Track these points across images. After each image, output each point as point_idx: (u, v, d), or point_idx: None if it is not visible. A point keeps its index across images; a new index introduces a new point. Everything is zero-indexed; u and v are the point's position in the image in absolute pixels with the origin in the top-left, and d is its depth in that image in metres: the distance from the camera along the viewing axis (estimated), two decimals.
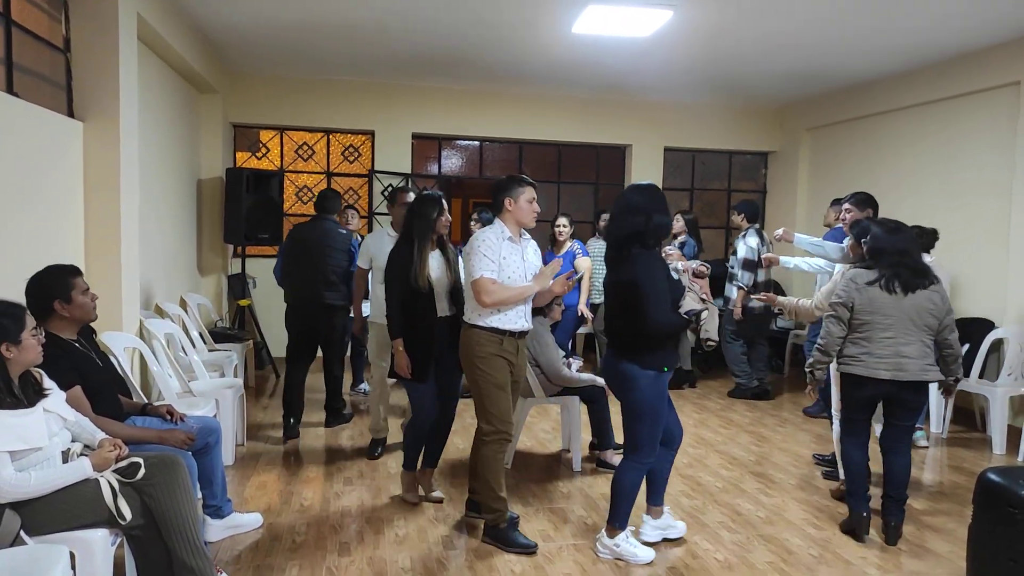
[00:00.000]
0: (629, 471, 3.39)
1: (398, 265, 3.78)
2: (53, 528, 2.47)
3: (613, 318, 3.38)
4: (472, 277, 3.39)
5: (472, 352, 3.48)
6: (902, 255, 3.54)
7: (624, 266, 3.25)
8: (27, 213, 3.66)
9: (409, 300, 3.76)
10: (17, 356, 2.49)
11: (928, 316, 3.49)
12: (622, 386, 3.33)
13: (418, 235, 3.79)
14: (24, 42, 3.81)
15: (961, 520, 3.87)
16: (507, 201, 3.47)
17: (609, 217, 3.45)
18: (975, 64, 6.14)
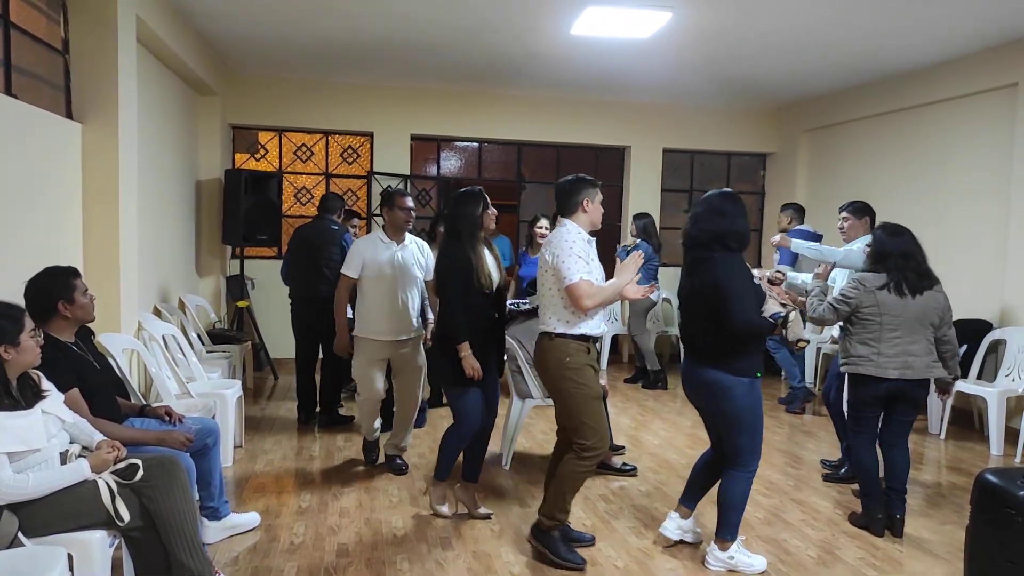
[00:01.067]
0: (738, 482, 3.27)
1: (457, 266, 3.60)
2: (51, 530, 2.46)
3: (694, 325, 3.28)
4: (568, 281, 3.16)
5: (562, 364, 3.25)
6: (907, 258, 3.65)
7: (705, 270, 3.17)
8: (26, 215, 3.66)
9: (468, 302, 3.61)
10: (16, 358, 2.49)
11: (933, 315, 3.65)
12: (714, 396, 3.22)
13: (466, 234, 3.67)
14: (23, 44, 3.81)
15: (959, 521, 3.87)
16: (585, 202, 3.35)
17: (692, 221, 3.30)
18: (973, 66, 6.15)
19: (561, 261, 3.19)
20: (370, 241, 4.41)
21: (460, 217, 3.71)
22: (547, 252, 3.29)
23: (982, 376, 5.62)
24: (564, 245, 3.22)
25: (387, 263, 4.30)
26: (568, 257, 3.18)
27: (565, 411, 3.33)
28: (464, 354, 3.61)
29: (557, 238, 3.28)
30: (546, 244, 3.33)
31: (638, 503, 4.18)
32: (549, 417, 5.90)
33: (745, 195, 9.08)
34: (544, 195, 8.86)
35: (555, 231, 3.37)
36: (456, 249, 3.67)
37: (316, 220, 5.75)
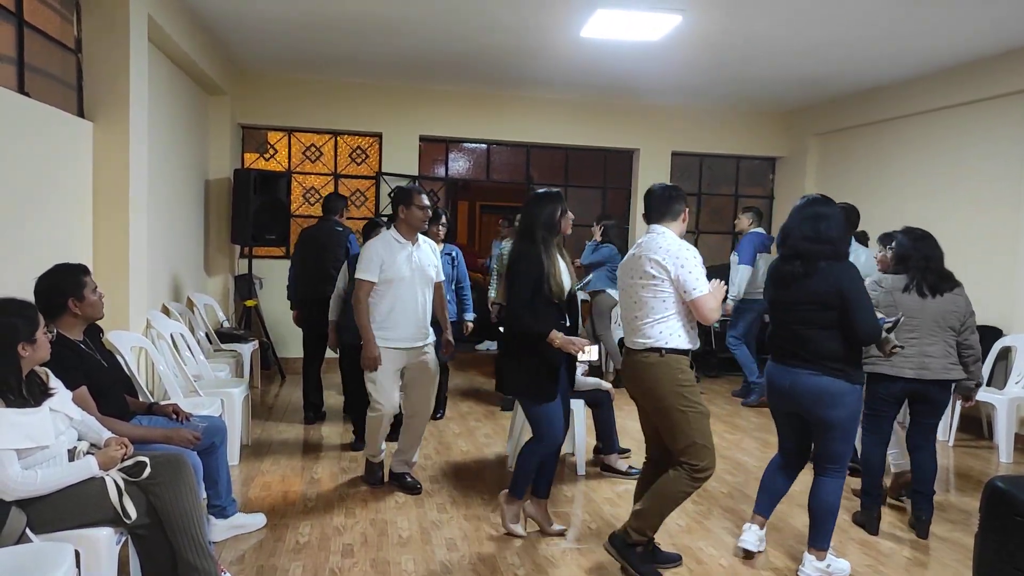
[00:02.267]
0: (834, 488, 3.24)
1: (528, 270, 3.36)
2: (58, 526, 2.48)
3: (804, 333, 3.17)
4: (698, 293, 3.03)
5: (676, 381, 3.10)
6: (928, 261, 3.73)
7: (823, 277, 3.11)
8: (37, 212, 3.68)
9: (536, 309, 3.36)
10: (32, 355, 2.51)
11: (952, 318, 3.69)
12: (823, 404, 3.15)
13: (541, 237, 3.42)
14: (36, 42, 3.83)
15: (967, 529, 3.85)
16: (685, 211, 3.23)
17: (795, 229, 3.22)
18: (984, 71, 6.11)
19: (688, 272, 3.04)
20: (384, 242, 4.09)
21: (536, 218, 3.45)
22: (660, 261, 3.06)
23: (991, 383, 5.58)
24: (687, 255, 3.07)
25: (404, 265, 4.05)
26: (695, 268, 3.06)
27: (675, 431, 3.12)
28: (557, 341, 3.34)
29: (674, 247, 3.09)
30: (651, 251, 3.11)
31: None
32: None
33: (754, 199, 9.09)
34: None
35: (662, 239, 3.14)
36: (529, 252, 3.41)
37: (321, 221, 5.80)
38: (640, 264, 3.13)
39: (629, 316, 3.23)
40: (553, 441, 3.55)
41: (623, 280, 3.28)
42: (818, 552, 3.29)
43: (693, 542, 3.71)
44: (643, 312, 3.13)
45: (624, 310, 3.29)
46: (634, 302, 3.17)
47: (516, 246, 3.51)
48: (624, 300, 3.28)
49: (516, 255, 3.46)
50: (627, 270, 3.24)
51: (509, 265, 3.49)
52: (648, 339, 3.12)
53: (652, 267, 3.08)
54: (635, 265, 3.17)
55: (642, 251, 3.15)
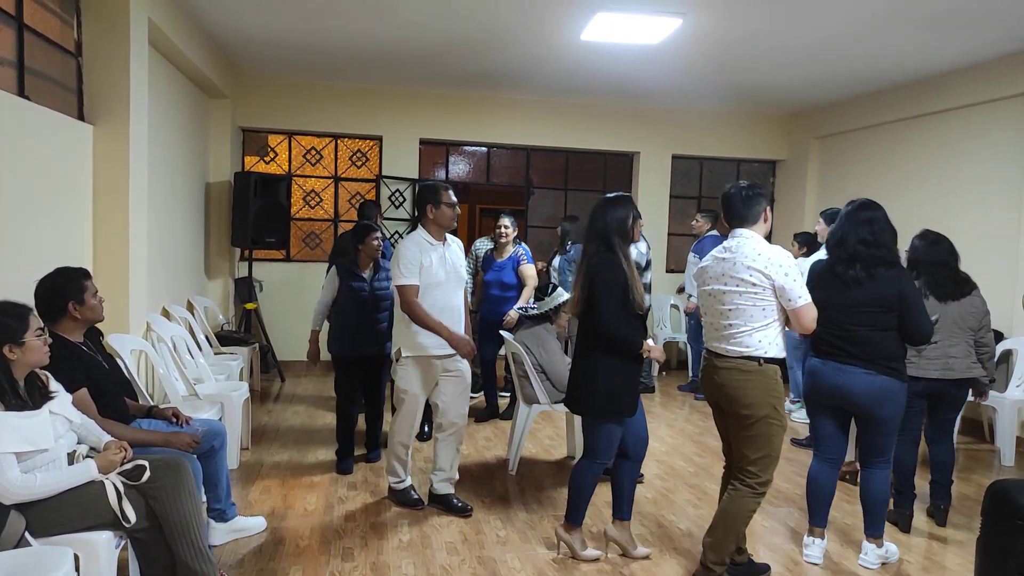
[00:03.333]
0: (884, 477, 3.43)
1: (614, 281, 3.18)
2: (58, 530, 2.47)
3: (864, 334, 3.23)
4: (802, 301, 2.97)
5: (770, 391, 3.03)
6: (938, 266, 3.87)
7: (884, 282, 3.21)
8: (37, 215, 3.68)
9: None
10: (21, 357, 2.49)
11: (971, 319, 3.84)
12: (880, 401, 3.25)
13: (621, 246, 3.24)
14: (36, 46, 3.83)
15: (970, 532, 3.84)
16: (766, 210, 3.15)
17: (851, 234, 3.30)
18: (984, 75, 6.11)
19: (792, 280, 2.97)
20: (417, 243, 3.83)
21: (611, 224, 3.24)
22: (762, 269, 2.98)
23: None
24: (789, 262, 2.99)
25: (439, 268, 3.83)
26: (798, 275, 2.99)
27: (756, 441, 3.07)
28: (655, 353, 3.29)
29: (775, 254, 3.00)
30: (748, 258, 3.01)
31: (645, 511, 4.16)
32: (555, 423, 5.90)
33: None
34: (552, 200, 8.87)
35: (756, 244, 3.06)
36: (611, 261, 3.20)
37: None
38: (734, 270, 3.04)
39: (718, 323, 3.13)
40: (607, 461, 3.40)
41: (708, 285, 3.17)
42: (876, 540, 3.47)
43: (695, 547, 3.69)
44: (740, 320, 3.04)
45: (710, 316, 3.18)
46: (728, 309, 3.07)
47: (593, 254, 3.26)
48: (710, 306, 3.16)
49: (597, 264, 3.22)
50: (714, 275, 3.13)
51: (588, 275, 3.24)
52: (746, 348, 3.04)
53: (752, 275, 2.99)
54: (726, 271, 3.07)
55: (735, 257, 3.06)
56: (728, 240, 3.17)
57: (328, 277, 4.79)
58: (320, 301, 4.79)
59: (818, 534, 3.53)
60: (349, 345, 4.67)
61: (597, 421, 3.33)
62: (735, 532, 3.15)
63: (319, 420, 5.84)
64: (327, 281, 4.78)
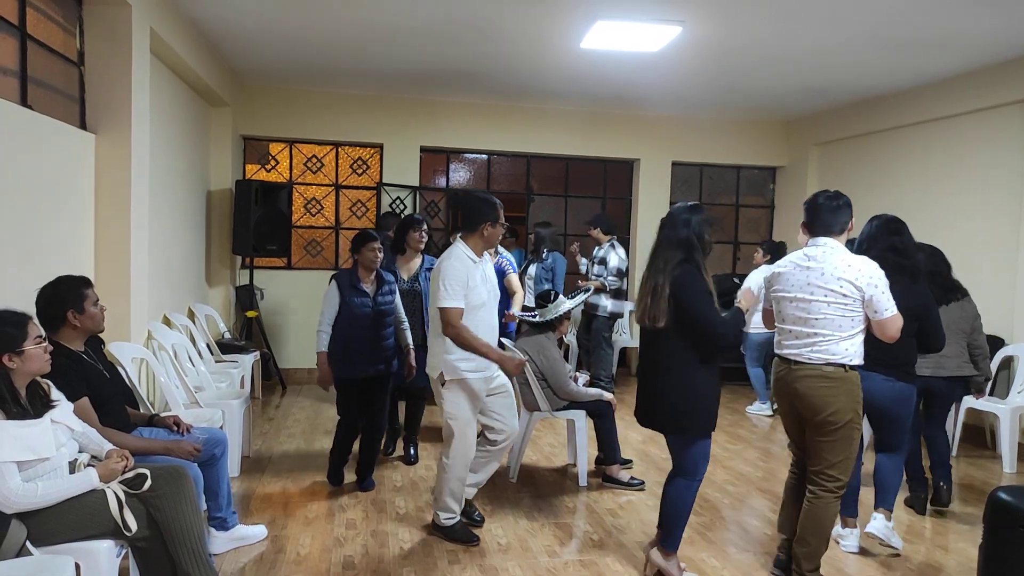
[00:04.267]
0: (899, 465, 3.81)
1: (705, 288, 3.13)
2: (59, 539, 2.47)
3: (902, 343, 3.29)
4: (890, 312, 3.03)
5: (855, 397, 3.09)
6: (933, 275, 4.11)
7: (911, 294, 3.46)
8: (39, 224, 3.69)
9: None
10: (21, 366, 2.49)
11: (963, 323, 4.22)
12: (899, 405, 3.64)
13: (703, 262, 3.19)
14: (38, 55, 3.85)
15: (971, 539, 3.83)
16: (851, 221, 3.22)
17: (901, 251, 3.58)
18: (984, 81, 6.13)
19: (882, 292, 3.02)
20: (463, 261, 3.60)
21: (696, 233, 3.19)
22: (853, 281, 3.01)
23: (994, 392, 5.57)
24: (879, 274, 3.04)
25: (482, 287, 3.66)
26: (886, 287, 3.04)
27: (837, 446, 3.12)
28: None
29: (866, 267, 3.04)
30: (838, 269, 3.04)
31: (646, 517, 4.15)
32: (556, 430, 5.89)
33: (755, 209, 9.11)
34: (552, 207, 8.87)
35: (844, 255, 3.09)
36: (692, 273, 3.13)
37: None
38: (822, 280, 3.06)
39: (800, 330, 3.13)
40: (703, 474, 3.34)
41: (789, 292, 3.17)
42: (887, 512, 3.73)
43: (695, 553, 3.69)
44: (828, 329, 3.06)
45: (789, 323, 3.17)
46: (815, 318, 3.08)
47: (674, 267, 3.15)
48: (790, 313, 3.17)
49: (680, 277, 3.12)
50: (797, 284, 3.14)
51: (673, 289, 3.12)
52: (832, 355, 3.06)
53: (843, 285, 3.03)
54: (812, 280, 3.09)
55: (823, 267, 3.08)
56: (809, 249, 3.18)
57: (328, 291, 4.37)
58: (323, 319, 4.34)
59: (851, 524, 3.77)
60: (350, 367, 4.32)
61: (690, 440, 3.25)
62: (827, 537, 3.22)
63: (320, 428, 5.84)
64: (328, 295, 4.37)
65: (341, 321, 4.35)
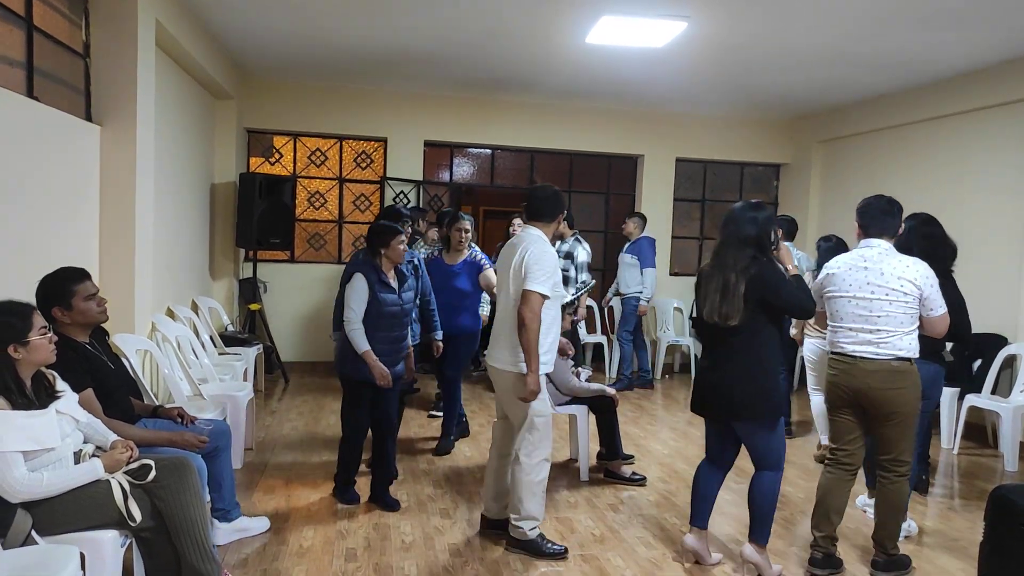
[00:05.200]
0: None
1: (784, 276, 3.21)
2: (64, 528, 2.48)
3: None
4: (943, 310, 3.27)
5: (919, 387, 3.32)
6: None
7: (952, 288, 3.65)
8: (44, 215, 3.70)
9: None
10: (26, 356, 2.49)
11: None
12: (934, 386, 3.81)
13: (769, 251, 3.24)
14: (45, 47, 3.86)
15: (972, 538, 3.84)
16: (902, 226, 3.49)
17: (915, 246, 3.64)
18: (988, 79, 6.11)
19: (936, 291, 3.26)
20: (550, 247, 3.51)
21: (764, 229, 3.21)
22: (913, 281, 3.21)
23: (996, 391, 5.56)
24: (932, 274, 3.27)
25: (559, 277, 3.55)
26: (938, 285, 3.28)
27: (905, 433, 3.34)
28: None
29: (922, 268, 3.25)
30: (897, 270, 3.24)
31: (647, 513, 4.16)
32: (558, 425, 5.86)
33: None
34: None
35: (898, 256, 3.29)
36: (771, 267, 3.19)
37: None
38: (882, 280, 3.25)
39: (861, 327, 3.29)
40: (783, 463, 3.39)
41: (848, 292, 3.31)
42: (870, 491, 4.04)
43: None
44: (890, 326, 3.25)
45: (848, 321, 3.32)
46: (878, 316, 3.25)
47: (749, 262, 3.15)
48: (852, 312, 3.31)
49: (760, 272, 3.14)
50: (855, 283, 3.30)
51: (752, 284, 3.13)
52: (899, 350, 3.25)
53: (904, 284, 3.22)
54: (871, 280, 3.27)
55: (881, 267, 3.26)
56: (863, 250, 3.36)
57: (356, 285, 3.85)
58: (355, 315, 3.83)
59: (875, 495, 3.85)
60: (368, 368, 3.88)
61: (772, 427, 3.28)
62: (903, 515, 3.52)
63: (323, 421, 5.85)
64: (357, 289, 3.85)
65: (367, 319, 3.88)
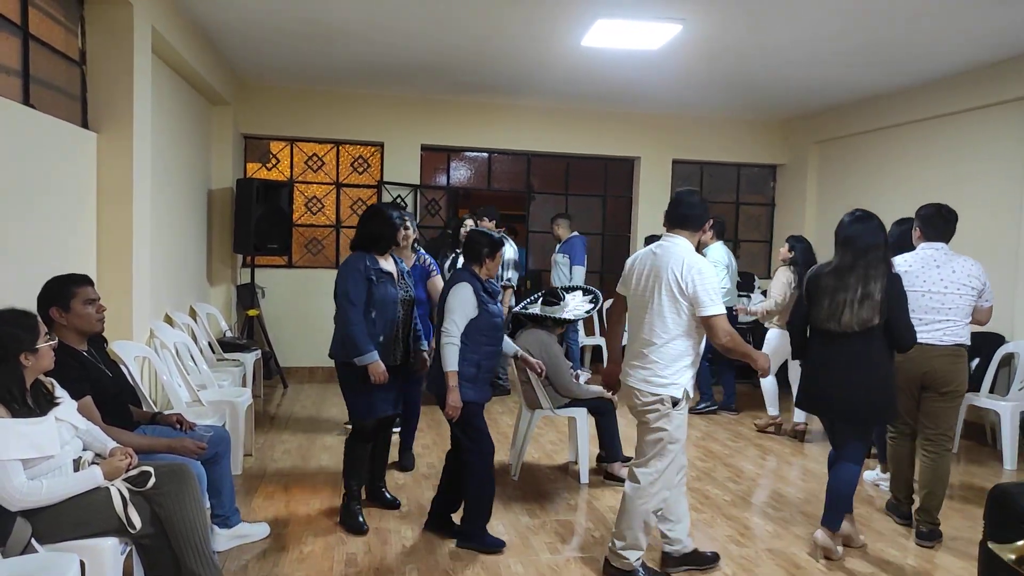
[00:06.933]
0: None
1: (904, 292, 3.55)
2: (63, 536, 2.48)
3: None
4: (992, 301, 3.92)
5: (968, 369, 3.89)
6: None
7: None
8: (41, 222, 3.69)
9: None
10: (35, 364, 2.51)
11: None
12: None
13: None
14: (41, 55, 3.86)
15: (971, 536, 3.84)
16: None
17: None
18: (984, 78, 6.13)
19: (989, 286, 3.88)
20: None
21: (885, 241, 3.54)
22: (978, 276, 3.82)
23: (995, 390, 5.57)
24: (981, 271, 3.85)
25: None
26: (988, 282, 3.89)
27: (954, 411, 3.90)
28: None
29: (978, 266, 3.85)
30: (966, 270, 3.81)
31: None
32: (558, 427, 5.90)
33: (755, 207, 9.12)
34: (553, 205, 8.88)
35: (956, 254, 3.86)
36: (898, 277, 3.52)
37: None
38: (954, 277, 3.80)
39: (934, 319, 3.79)
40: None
41: (923, 287, 3.81)
42: (884, 465, 4.58)
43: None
44: (957, 316, 3.80)
45: (922, 313, 3.76)
46: (948, 308, 3.79)
47: (886, 268, 3.43)
48: (925, 304, 3.79)
49: (893, 281, 3.43)
50: (930, 280, 3.81)
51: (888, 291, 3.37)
52: (960, 338, 3.80)
53: (972, 280, 3.82)
54: (944, 276, 3.80)
55: (952, 265, 3.83)
56: (930, 252, 3.87)
57: (463, 295, 3.52)
58: (456, 330, 3.49)
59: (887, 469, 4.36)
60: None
61: (874, 426, 3.85)
62: (946, 488, 3.90)
63: (322, 427, 5.85)
64: (463, 301, 3.51)
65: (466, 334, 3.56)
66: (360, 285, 3.68)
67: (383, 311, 3.75)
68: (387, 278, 3.79)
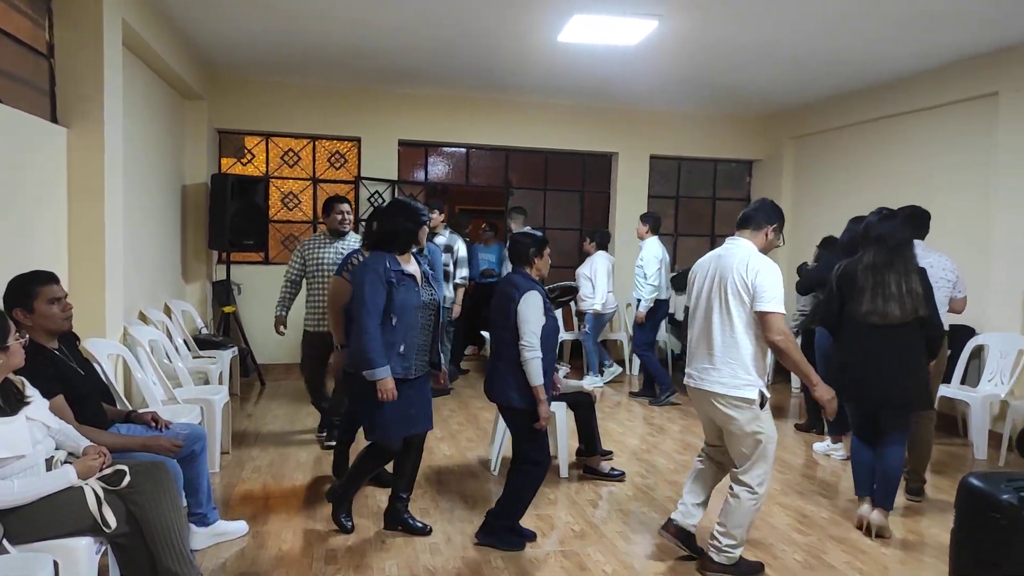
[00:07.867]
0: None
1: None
2: (37, 536, 2.44)
3: None
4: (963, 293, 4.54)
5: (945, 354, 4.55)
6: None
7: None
8: (9, 219, 3.62)
9: None
10: (5, 362, 2.47)
11: None
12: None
13: None
14: (6, 47, 3.78)
15: (943, 525, 3.91)
16: None
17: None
18: (955, 75, 6.23)
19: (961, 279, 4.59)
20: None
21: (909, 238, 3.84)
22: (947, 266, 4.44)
23: (965, 381, 5.67)
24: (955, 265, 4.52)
25: None
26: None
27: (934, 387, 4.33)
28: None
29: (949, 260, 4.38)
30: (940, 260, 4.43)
31: (626, 508, 4.19)
32: None
33: (731, 202, 9.19)
34: (531, 201, 8.89)
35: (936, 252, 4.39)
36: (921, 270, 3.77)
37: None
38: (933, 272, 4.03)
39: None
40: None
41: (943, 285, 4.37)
42: (834, 437, 5.14)
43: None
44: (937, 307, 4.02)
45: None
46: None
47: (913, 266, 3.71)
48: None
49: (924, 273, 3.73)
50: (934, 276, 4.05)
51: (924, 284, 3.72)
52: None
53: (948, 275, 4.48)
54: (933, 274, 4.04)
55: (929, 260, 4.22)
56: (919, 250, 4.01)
57: (534, 303, 3.46)
58: (538, 342, 3.44)
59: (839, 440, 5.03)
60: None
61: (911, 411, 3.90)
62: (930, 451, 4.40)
63: (299, 424, 5.81)
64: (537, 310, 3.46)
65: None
66: (379, 290, 3.32)
67: (404, 317, 3.40)
68: (409, 280, 3.45)
